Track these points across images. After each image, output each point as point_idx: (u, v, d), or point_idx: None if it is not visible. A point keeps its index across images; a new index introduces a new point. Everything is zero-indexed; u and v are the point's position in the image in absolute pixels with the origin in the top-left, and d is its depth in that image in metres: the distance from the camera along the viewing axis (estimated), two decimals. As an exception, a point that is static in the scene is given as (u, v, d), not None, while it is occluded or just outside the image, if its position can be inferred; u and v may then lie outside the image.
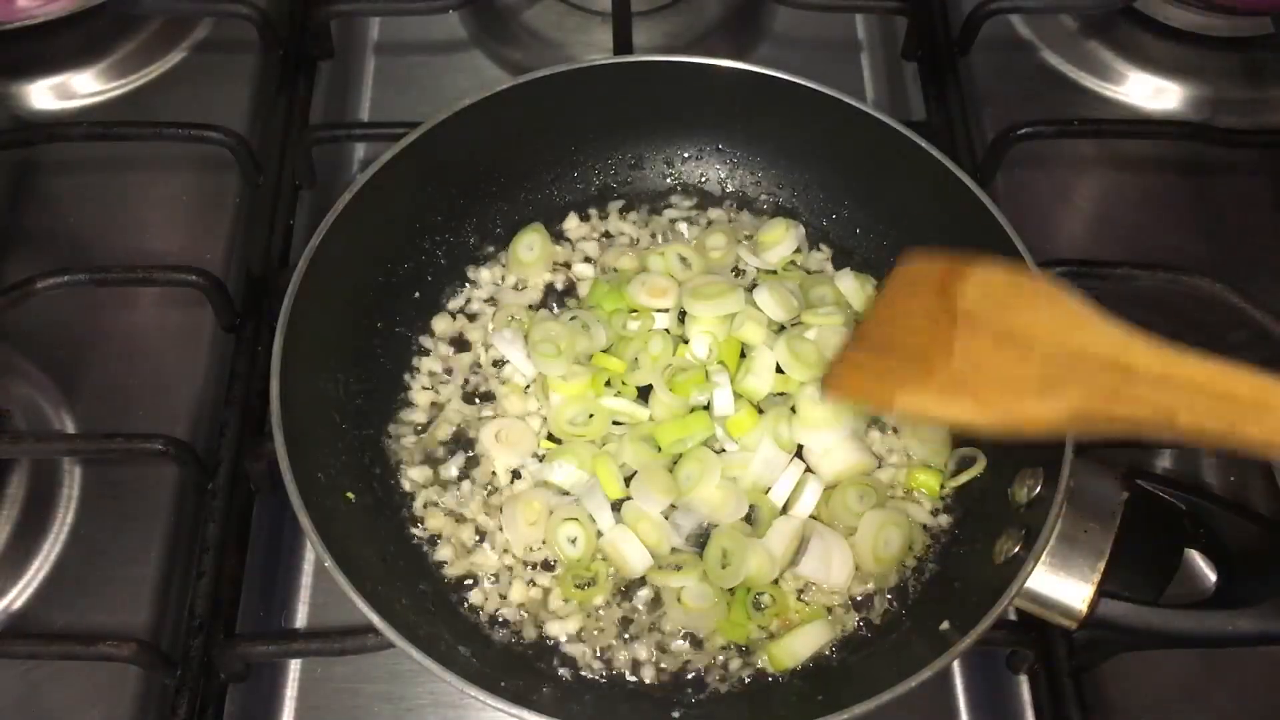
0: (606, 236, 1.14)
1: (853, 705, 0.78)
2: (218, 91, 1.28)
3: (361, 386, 1.01)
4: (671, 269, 1.08)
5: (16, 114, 1.26)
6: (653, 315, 1.05)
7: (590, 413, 0.99)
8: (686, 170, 1.16)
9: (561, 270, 1.12)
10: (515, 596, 0.94)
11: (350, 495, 0.94)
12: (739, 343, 1.04)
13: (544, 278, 1.11)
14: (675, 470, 0.97)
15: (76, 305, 1.10)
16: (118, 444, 0.98)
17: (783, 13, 1.39)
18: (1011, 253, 0.94)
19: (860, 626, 0.94)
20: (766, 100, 1.07)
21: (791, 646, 0.91)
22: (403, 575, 0.93)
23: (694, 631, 0.93)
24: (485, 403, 1.04)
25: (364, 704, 0.96)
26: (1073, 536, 0.83)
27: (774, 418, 0.99)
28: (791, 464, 0.98)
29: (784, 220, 1.12)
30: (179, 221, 1.19)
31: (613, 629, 0.93)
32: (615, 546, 0.94)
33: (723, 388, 1.00)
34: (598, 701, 0.90)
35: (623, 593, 0.95)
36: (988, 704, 0.99)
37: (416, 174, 1.02)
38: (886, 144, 1.03)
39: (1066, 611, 0.83)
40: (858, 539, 0.95)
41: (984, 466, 0.97)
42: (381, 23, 1.42)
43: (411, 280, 1.07)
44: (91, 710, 0.92)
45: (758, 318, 1.03)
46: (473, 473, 1.00)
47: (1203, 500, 0.88)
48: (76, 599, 0.96)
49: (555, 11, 1.42)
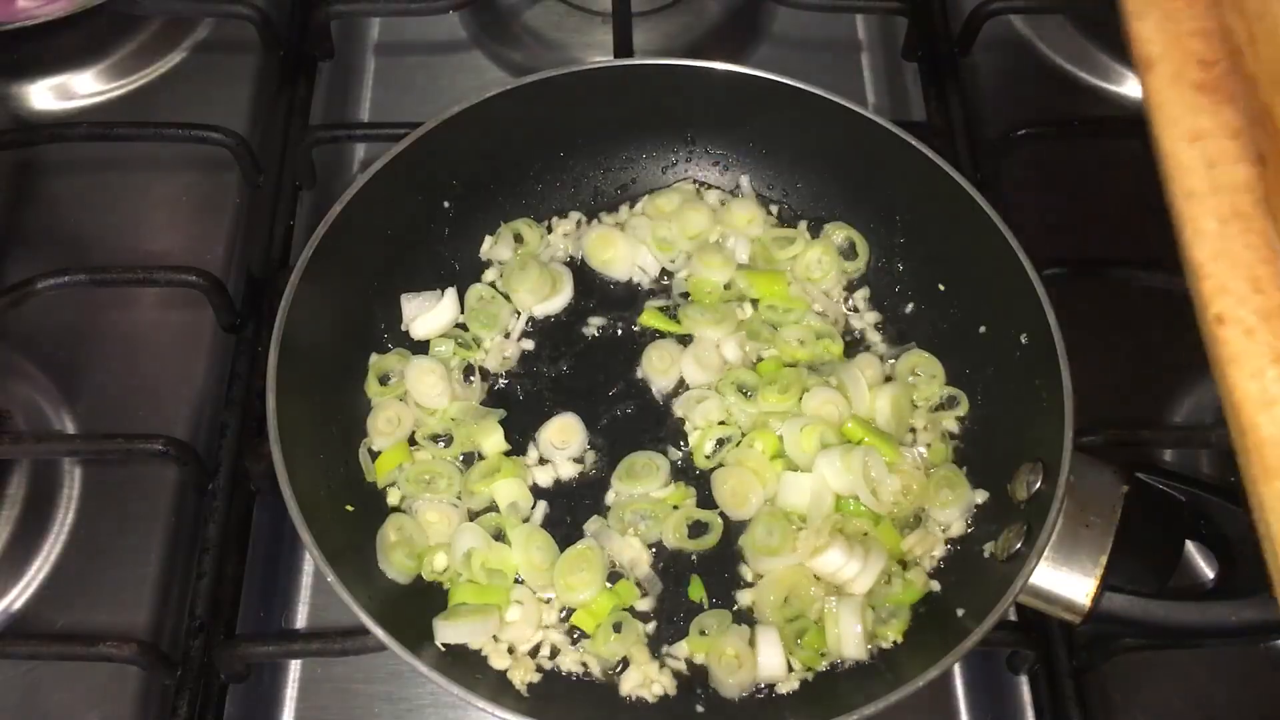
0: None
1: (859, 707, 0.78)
2: (218, 92, 1.28)
3: (361, 395, 1.01)
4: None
5: (16, 114, 1.27)
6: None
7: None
8: (685, 171, 1.16)
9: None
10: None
11: (350, 507, 0.94)
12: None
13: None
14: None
15: (76, 305, 1.10)
16: (118, 444, 0.98)
17: (783, 13, 1.40)
18: (1009, 254, 0.94)
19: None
20: (764, 103, 1.07)
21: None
22: (404, 585, 0.92)
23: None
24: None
25: (364, 704, 0.96)
26: (1074, 531, 0.83)
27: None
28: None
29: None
30: (179, 221, 1.19)
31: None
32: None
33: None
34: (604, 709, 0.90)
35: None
36: (988, 704, 0.99)
37: (416, 175, 1.02)
38: (883, 146, 1.03)
39: (1070, 606, 0.83)
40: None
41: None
42: (381, 23, 1.42)
43: (412, 280, 1.07)
44: (91, 710, 0.92)
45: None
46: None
47: (1203, 492, 0.88)
48: (76, 599, 0.96)
49: (555, 12, 1.42)
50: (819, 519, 0.94)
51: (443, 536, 0.94)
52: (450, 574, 0.93)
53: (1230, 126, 0.72)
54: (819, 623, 0.91)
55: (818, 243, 1.10)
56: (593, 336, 1.07)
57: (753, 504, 0.96)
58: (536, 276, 1.07)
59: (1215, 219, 0.70)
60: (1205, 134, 0.72)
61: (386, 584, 0.91)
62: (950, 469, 0.98)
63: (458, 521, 0.95)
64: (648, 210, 1.13)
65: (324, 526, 0.84)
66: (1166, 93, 0.74)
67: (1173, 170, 0.72)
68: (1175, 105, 0.74)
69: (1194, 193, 0.70)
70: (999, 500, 0.94)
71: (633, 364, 1.05)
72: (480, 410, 1.01)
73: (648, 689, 0.89)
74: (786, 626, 0.91)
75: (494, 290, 1.08)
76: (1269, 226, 0.69)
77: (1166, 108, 0.74)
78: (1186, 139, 0.73)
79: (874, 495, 0.93)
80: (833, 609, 0.90)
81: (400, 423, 0.99)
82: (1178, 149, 0.72)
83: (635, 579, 0.94)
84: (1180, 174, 0.72)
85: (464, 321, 1.06)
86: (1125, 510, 0.85)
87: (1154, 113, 0.74)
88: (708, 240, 1.11)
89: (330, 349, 0.98)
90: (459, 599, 0.91)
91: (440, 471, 0.97)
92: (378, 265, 1.04)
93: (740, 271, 1.09)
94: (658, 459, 0.99)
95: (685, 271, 1.10)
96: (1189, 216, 0.70)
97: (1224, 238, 0.69)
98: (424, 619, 0.89)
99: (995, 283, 0.97)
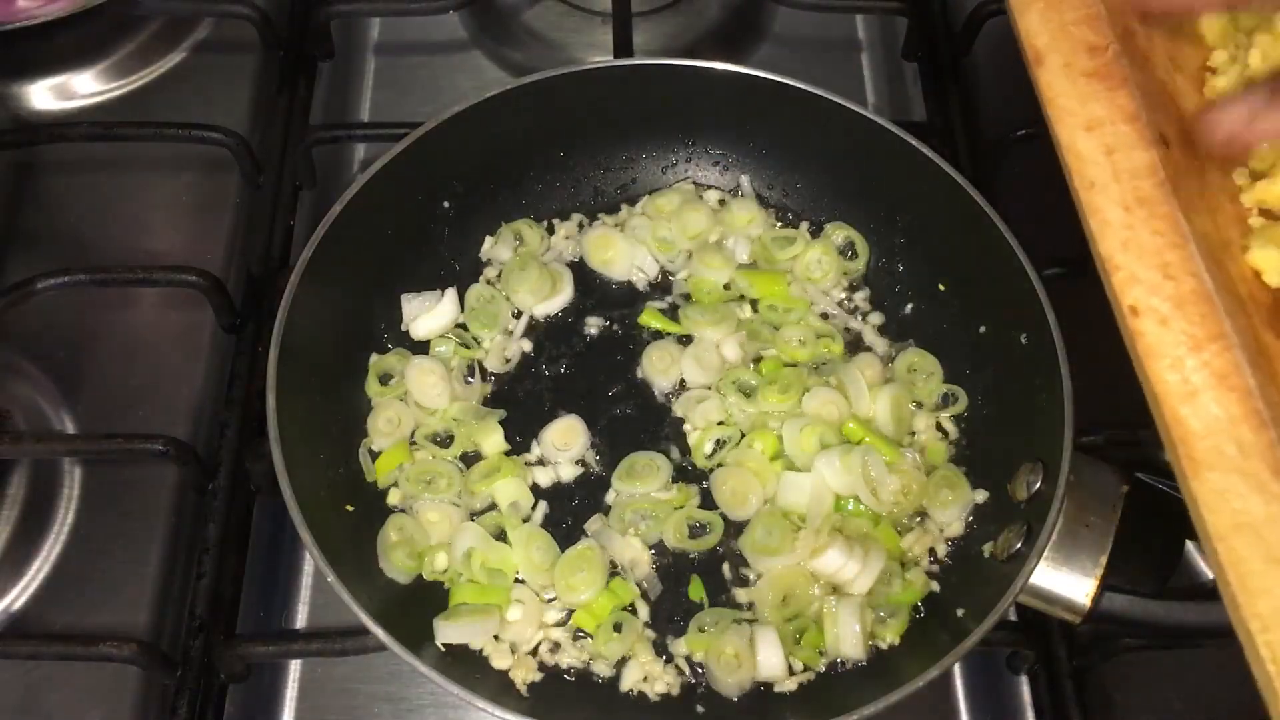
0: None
1: (859, 707, 0.78)
2: (218, 91, 1.28)
3: (361, 394, 1.01)
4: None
5: (16, 114, 1.26)
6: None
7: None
8: (685, 171, 1.16)
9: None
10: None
11: (350, 507, 0.94)
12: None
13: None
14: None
15: (76, 305, 1.10)
16: (118, 444, 0.98)
17: (783, 13, 1.40)
18: (1009, 254, 0.94)
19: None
20: (764, 103, 1.07)
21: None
22: (404, 585, 0.92)
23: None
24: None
25: (364, 704, 0.96)
26: (1074, 531, 0.83)
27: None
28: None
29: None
30: (179, 221, 1.19)
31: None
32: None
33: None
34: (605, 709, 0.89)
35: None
36: (988, 704, 0.99)
37: (417, 175, 1.02)
38: (883, 146, 1.03)
39: (1070, 606, 0.83)
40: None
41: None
42: (381, 23, 1.42)
43: (412, 280, 1.07)
44: (91, 710, 0.92)
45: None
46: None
47: (1203, 492, 0.88)
48: (76, 599, 0.96)
49: (555, 12, 1.42)
50: (818, 519, 0.94)
51: (444, 536, 0.94)
52: (451, 574, 0.93)
53: (1126, 111, 0.69)
54: (818, 622, 0.91)
55: (818, 243, 1.10)
56: (593, 336, 1.07)
57: (752, 504, 0.96)
58: (536, 276, 1.07)
59: (1119, 207, 0.67)
60: (1101, 121, 0.69)
61: (386, 584, 0.91)
62: (950, 469, 0.98)
63: (459, 521, 0.95)
64: (648, 210, 1.13)
65: (324, 526, 0.84)
66: (1059, 84, 0.72)
67: (1072, 162, 0.69)
68: (1068, 96, 0.71)
69: (1095, 182, 0.68)
70: (999, 500, 0.94)
71: (633, 364, 1.05)
72: (480, 410, 1.01)
73: (650, 685, 0.89)
74: (785, 626, 0.91)
75: (494, 290, 1.08)
76: (1174, 209, 0.66)
77: (1060, 99, 0.71)
78: (1083, 128, 0.70)
79: (874, 495, 0.93)
80: (832, 609, 0.90)
81: (400, 423, 0.99)
82: (1075, 139, 0.69)
83: (636, 579, 0.94)
84: (1080, 165, 0.69)
85: (464, 321, 1.06)
86: (1125, 510, 0.85)
87: (1048, 106, 0.71)
88: (708, 240, 1.11)
89: (330, 349, 0.98)
90: (459, 599, 0.91)
91: (440, 471, 0.97)
92: (378, 265, 1.04)
93: (740, 271, 1.09)
94: (658, 459, 0.99)
95: (685, 272, 1.10)
96: (1093, 208, 0.68)
97: (1129, 226, 0.66)
98: (424, 619, 0.88)
99: (995, 283, 0.97)
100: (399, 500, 0.97)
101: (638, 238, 1.10)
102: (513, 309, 1.07)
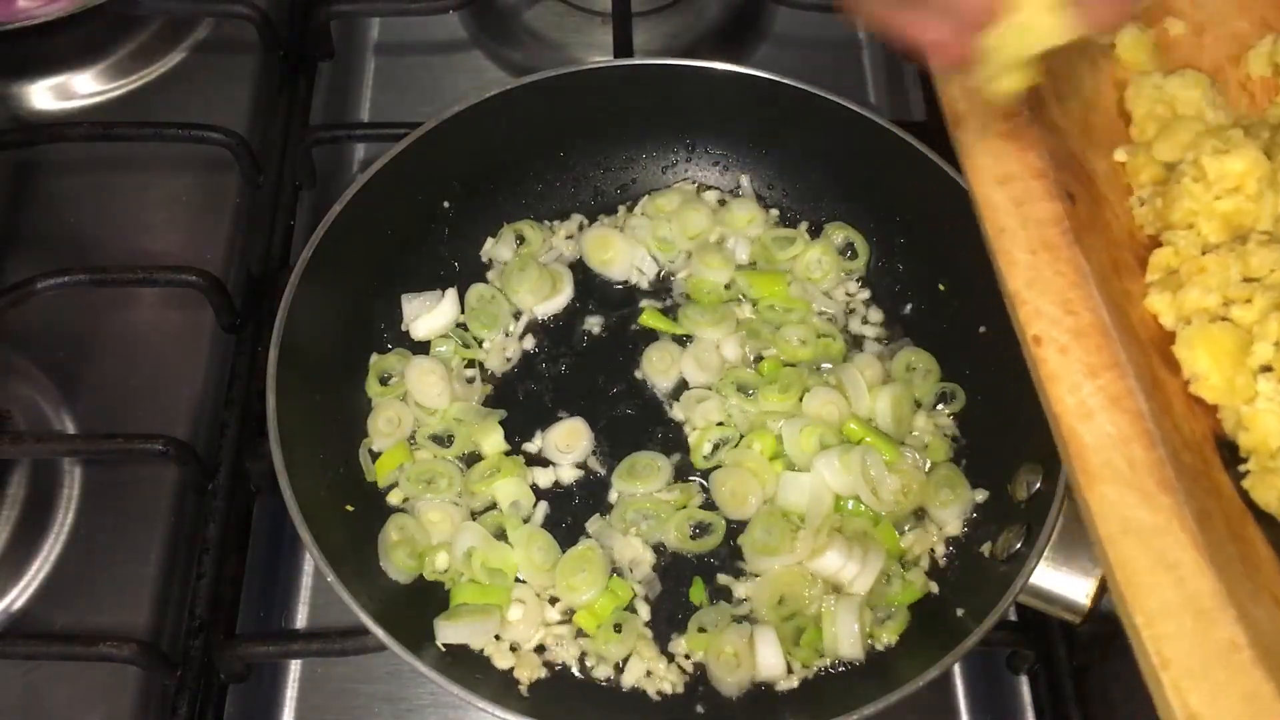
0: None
1: (858, 707, 0.78)
2: (218, 91, 1.28)
3: (361, 394, 1.01)
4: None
5: (16, 114, 1.26)
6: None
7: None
8: (685, 171, 1.16)
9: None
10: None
11: (350, 507, 0.94)
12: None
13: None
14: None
15: (76, 305, 1.10)
16: (118, 444, 0.98)
17: (783, 13, 1.40)
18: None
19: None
20: (764, 103, 1.07)
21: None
22: (405, 585, 0.92)
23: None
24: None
25: (364, 704, 0.96)
26: (1074, 531, 0.83)
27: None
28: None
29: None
30: (179, 221, 1.19)
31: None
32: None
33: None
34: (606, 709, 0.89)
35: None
36: (988, 704, 0.99)
37: (417, 175, 1.02)
38: (883, 146, 1.03)
39: (1070, 606, 0.83)
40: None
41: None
42: (381, 23, 1.42)
43: (412, 280, 1.07)
44: (91, 710, 0.92)
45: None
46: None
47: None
48: (76, 599, 0.96)
49: (555, 12, 1.42)
50: (818, 519, 0.94)
51: (444, 536, 0.94)
52: (452, 574, 0.93)
53: (1035, 168, 0.78)
54: (817, 622, 0.91)
55: (818, 243, 1.10)
56: (593, 336, 1.07)
57: (752, 504, 0.96)
58: (536, 277, 1.07)
59: (1026, 250, 0.75)
60: (1012, 176, 0.78)
61: (387, 584, 0.91)
62: (950, 469, 0.98)
63: (459, 521, 0.95)
64: (648, 210, 1.13)
65: (324, 526, 0.84)
66: (975, 145, 0.80)
67: (985, 210, 0.77)
68: (984, 154, 0.79)
69: (1005, 229, 0.75)
70: (999, 500, 0.94)
71: (633, 364, 1.05)
72: (480, 410, 1.01)
73: (651, 683, 0.89)
74: (783, 625, 0.91)
75: (494, 290, 1.08)
76: (1077, 254, 0.74)
77: (976, 157, 0.79)
78: (996, 181, 0.78)
79: (874, 495, 0.94)
80: (830, 608, 0.90)
81: (401, 423, 0.99)
82: (988, 191, 0.77)
83: (636, 580, 0.94)
84: (991, 213, 0.76)
85: (464, 321, 1.06)
86: (1125, 510, 0.85)
87: (965, 161, 0.79)
88: (707, 240, 1.11)
89: (330, 349, 0.99)
90: (460, 599, 0.91)
91: (441, 471, 0.97)
92: (378, 265, 1.04)
93: (740, 271, 1.09)
94: (659, 459, 0.99)
95: (685, 272, 1.10)
96: (1002, 250, 0.76)
97: (1035, 267, 0.74)
98: (424, 619, 0.89)
99: (995, 283, 0.96)
100: (400, 500, 0.97)
101: (637, 238, 1.10)
102: (513, 309, 1.07)
